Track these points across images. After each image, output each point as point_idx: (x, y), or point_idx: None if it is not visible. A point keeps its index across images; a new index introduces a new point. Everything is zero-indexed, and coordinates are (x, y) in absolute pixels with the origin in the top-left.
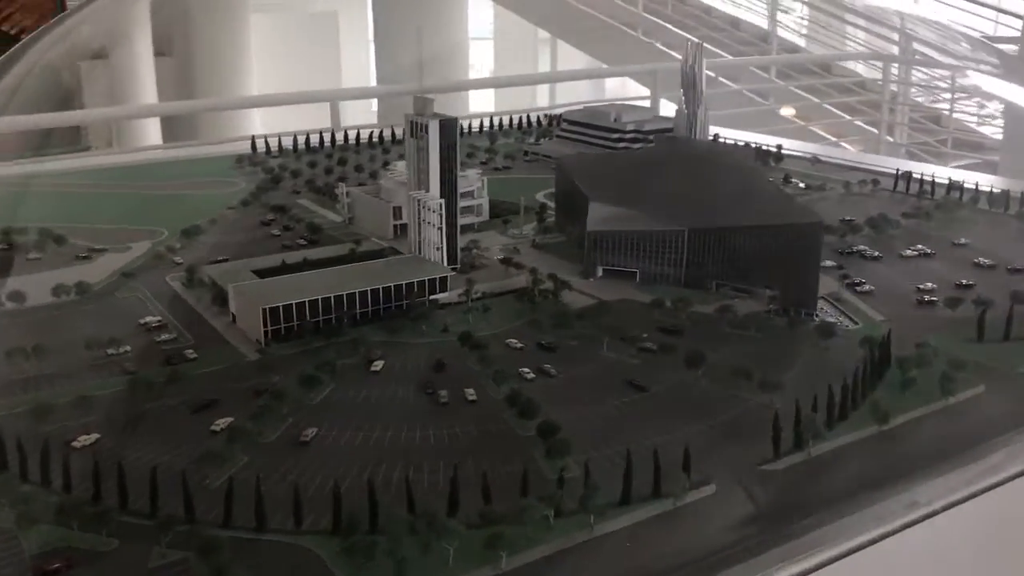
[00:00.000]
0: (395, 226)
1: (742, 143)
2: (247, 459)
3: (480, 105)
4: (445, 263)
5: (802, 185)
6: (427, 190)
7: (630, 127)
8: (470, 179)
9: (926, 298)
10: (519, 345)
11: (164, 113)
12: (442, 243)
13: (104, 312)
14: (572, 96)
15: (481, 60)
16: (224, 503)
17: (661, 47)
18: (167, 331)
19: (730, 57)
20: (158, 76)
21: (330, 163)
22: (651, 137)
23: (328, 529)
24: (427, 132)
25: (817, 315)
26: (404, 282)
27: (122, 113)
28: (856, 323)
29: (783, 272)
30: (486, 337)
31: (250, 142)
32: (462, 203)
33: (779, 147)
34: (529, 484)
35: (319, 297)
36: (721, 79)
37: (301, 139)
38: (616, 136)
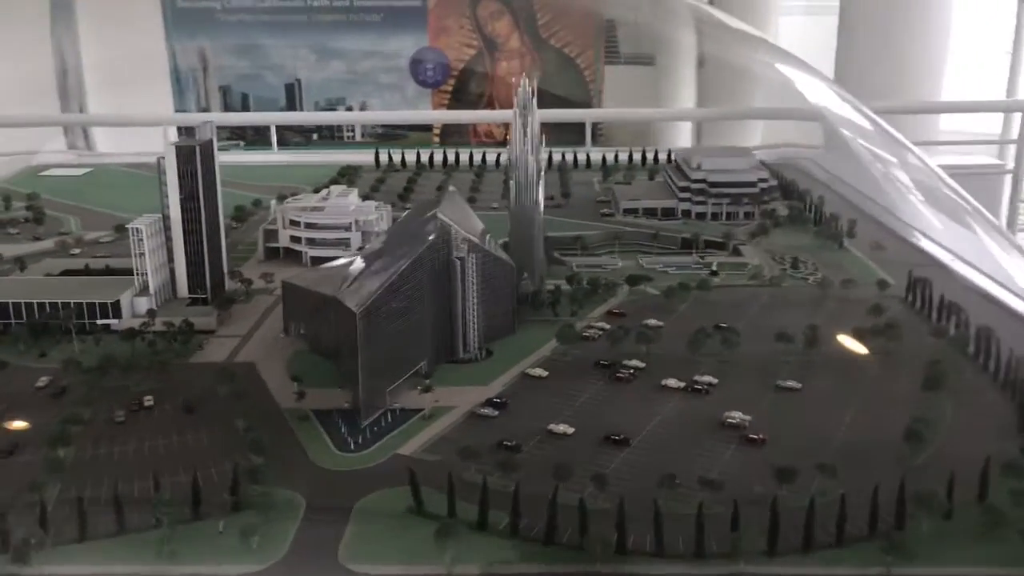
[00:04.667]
0: (265, 248)
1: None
2: None
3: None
4: (180, 291)
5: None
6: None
7: (697, 176)
8: (363, 210)
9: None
10: (43, 383)
11: (631, 119)
12: (149, 269)
13: None
14: None
15: None
16: None
17: None
18: None
19: None
20: (699, 83)
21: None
22: (724, 190)
23: None
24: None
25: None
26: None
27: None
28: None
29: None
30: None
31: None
32: (330, 235)
33: (851, 222)
34: None
35: None
36: None
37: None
38: (683, 184)
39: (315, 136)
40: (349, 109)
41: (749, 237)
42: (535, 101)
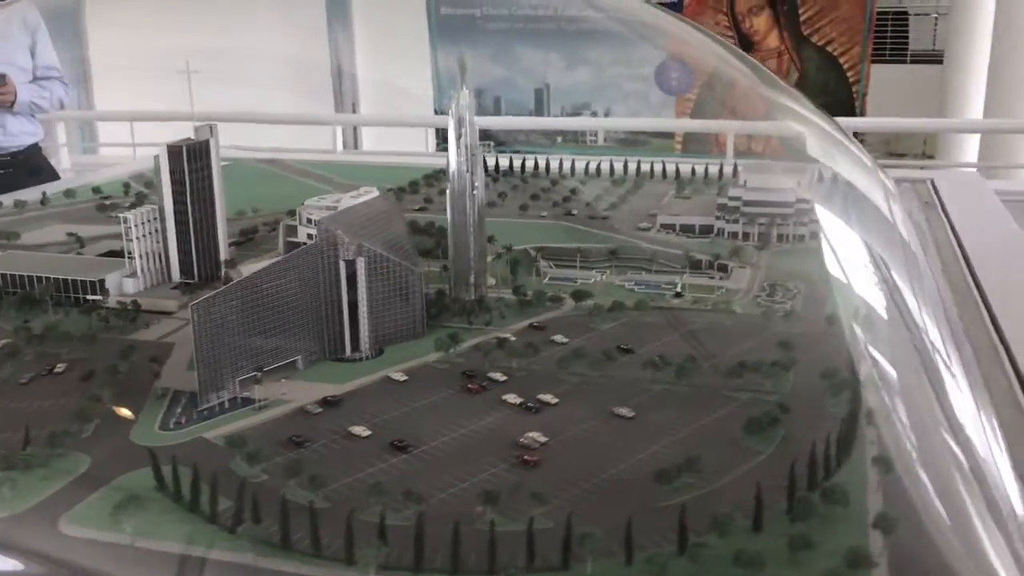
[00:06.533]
0: (285, 242)
1: None
2: None
3: None
4: (174, 275)
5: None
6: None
7: (735, 192)
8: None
9: None
10: None
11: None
12: (137, 254)
13: None
14: None
15: None
16: None
17: None
18: None
19: None
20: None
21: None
22: (755, 209)
23: None
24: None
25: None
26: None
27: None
28: None
29: None
30: None
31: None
32: None
33: None
34: None
35: None
36: None
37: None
38: (720, 201)
39: (559, 139)
40: (594, 115)
41: (740, 258)
42: (472, 114)
